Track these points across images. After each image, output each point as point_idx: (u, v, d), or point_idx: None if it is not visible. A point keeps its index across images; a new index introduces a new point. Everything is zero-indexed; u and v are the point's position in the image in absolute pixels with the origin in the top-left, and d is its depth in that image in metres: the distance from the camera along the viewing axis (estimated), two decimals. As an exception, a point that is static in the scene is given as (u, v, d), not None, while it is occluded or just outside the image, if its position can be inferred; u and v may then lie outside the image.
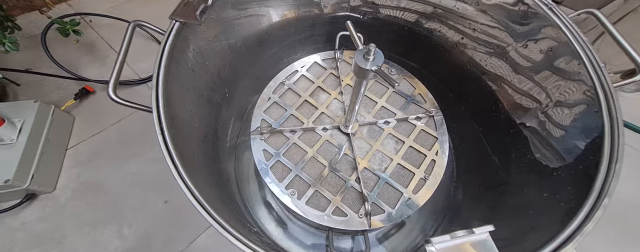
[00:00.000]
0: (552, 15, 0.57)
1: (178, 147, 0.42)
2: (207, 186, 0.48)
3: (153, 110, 0.42)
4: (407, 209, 0.67)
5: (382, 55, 0.53)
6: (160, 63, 0.45)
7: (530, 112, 0.59)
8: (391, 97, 0.83)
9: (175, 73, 0.49)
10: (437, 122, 0.78)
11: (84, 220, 1.15)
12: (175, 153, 0.39)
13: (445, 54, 0.83)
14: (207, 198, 0.40)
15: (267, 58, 0.89)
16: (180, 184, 0.38)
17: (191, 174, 0.43)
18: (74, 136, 1.33)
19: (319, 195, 0.69)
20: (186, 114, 0.51)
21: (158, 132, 0.40)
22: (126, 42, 0.47)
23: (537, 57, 0.57)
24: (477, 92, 0.74)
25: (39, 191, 1.16)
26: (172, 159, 0.39)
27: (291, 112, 0.80)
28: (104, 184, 1.23)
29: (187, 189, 0.37)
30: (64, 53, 1.51)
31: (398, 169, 0.72)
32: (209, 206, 0.38)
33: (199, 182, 0.44)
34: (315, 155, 0.74)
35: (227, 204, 0.56)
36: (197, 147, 0.53)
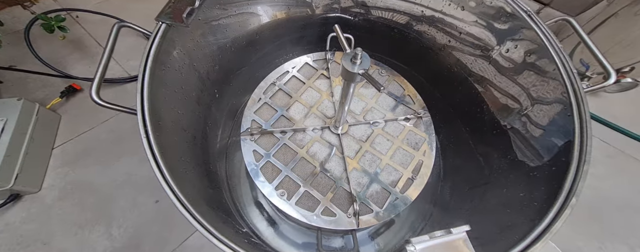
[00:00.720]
0: (530, 22, 0.58)
1: (164, 150, 0.41)
2: (194, 188, 0.47)
3: (138, 113, 0.40)
4: (395, 208, 0.67)
5: (368, 59, 0.53)
6: (146, 65, 0.43)
7: (512, 113, 0.60)
8: (381, 98, 0.83)
9: (162, 75, 0.47)
10: (425, 123, 0.79)
11: (72, 220, 1.12)
12: (161, 156, 0.38)
13: (433, 55, 0.84)
14: (192, 201, 0.39)
15: (258, 59, 0.87)
16: (165, 187, 0.37)
17: (177, 177, 0.42)
18: (60, 135, 1.28)
19: (308, 195, 0.69)
20: (173, 116, 0.50)
21: (142, 136, 0.39)
22: (110, 44, 0.45)
23: (519, 59, 0.58)
24: (464, 93, 0.75)
25: (24, 191, 1.12)
26: (157, 162, 0.38)
27: (282, 113, 0.79)
28: (93, 183, 1.19)
29: (172, 192, 0.36)
30: (50, 50, 1.45)
31: (387, 169, 0.72)
32: (194, 208, 0.37)
33: (185, 185, 0.43)
34: (306, 155, 0.73)
35: (215, 205, 0.55)
36: (185, 149, 0.52)
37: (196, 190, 0.48)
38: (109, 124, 1.32)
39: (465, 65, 0.75)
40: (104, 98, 0.43)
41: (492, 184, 0.58)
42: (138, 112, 0.40)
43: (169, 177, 0.37)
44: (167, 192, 0.36)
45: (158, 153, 0.38)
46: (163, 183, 0.37)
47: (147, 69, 0.43)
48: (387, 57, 0.96)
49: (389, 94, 0.84)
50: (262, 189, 0.68)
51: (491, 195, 0.56)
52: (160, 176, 0.38)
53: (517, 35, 0.58)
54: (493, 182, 0.58)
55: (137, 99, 0.42)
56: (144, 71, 0.43)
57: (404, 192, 0.69)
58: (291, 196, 0.68)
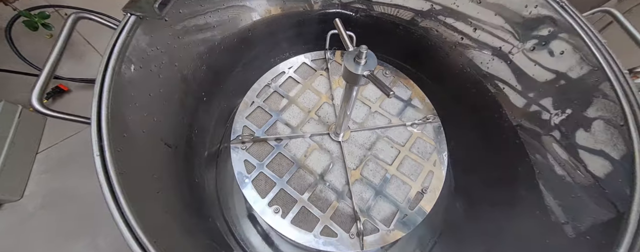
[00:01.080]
0: (564, 14, 0.50)
1: (127, 170, 0.33)
2: (167, 213, 0.39)
3: (92, 124, 0.32)
4: (404, 226, 0.59)
5: (375, 59, 0.45)
6: (107, 64, 0.35)
7: (538, 121, 0.52)
8: (386, 101, 0.75)
9: (131, 76, 0.39)
10: (435, 128, 0.70)
11: (54, 231, 1.04)
12: (118, 180, 0.30)
13: (443, 55, 0.75)
14: (159, 231, 0.31)
15: (251, 58, 0.79)
16: (118, 221, 0.28)
17: (141, 203, 0.33)
18: (45, 139, 1.20)
19: (306, 212, 0.60)
20: (146, 125, 0.42)
21: (95, 152, 0.30)
22: (63, 38, 0.37)
23: (546, 61, 0.49)
24: (478, 97, 0.67)
25: (4, 200, 1.03)
26: (111, 189, 0.30)
27: (277, 118, 0.71)
28: (78, 191, 1.11)
29: (127, 227, 0.28)
30: (34, 48, 1.36)
31: (394, 181, 0.64)
32: (159, 243, 0.29)
33: (152, 212, 0.35)
34: (303, 166, 0.65)
35: (195, 228, 0.47)
36: (160, 163, 0.44)
37: (170, 214, 0.40)
38: (96, 127, 1.24)
39: (479, 65, 0.67)
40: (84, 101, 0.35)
41: (519, 203, 0.49)
42: (92, 123, 0.32)
43: (126, 208, 0.29)
44: (121, 227, 0.28)
45: (115, 176, 0.30)
46: (117, 216, 0.29)
47: (108, 68, 0.35)
48: (391, 57, 0.87)
49: (394, 97, 0.76)
50: (254, 205, 0.59)
51: (520, 217, 0.48)
52: (114, 207, 0.29)
53: (545, 30, 0.49)
54: (521, 200, 0.49)
55: (93, 105, 0.33)
56: (104, 71, 0.35)
57: (413, 208, 0.61)
58: (287, 212, 0.60)
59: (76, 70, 1.37)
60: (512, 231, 0.48)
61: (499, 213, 0.52)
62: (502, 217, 0.51)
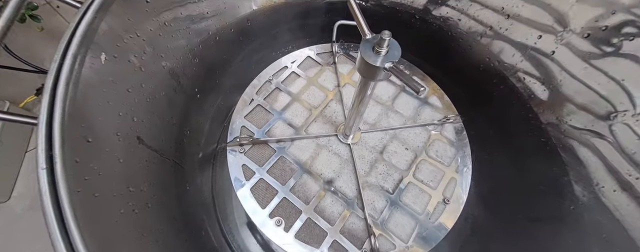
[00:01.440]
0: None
1: (88, 185, 0.26)
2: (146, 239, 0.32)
3: (39, 127, 0.24)
4: (425, 242, 0.51)
5: (399, 48, 0.37)
6: (66, 52, 0.27)
7: (588, 123, 0.44)
8: (401, 99, 0.67)
9: (102, 68, 0.31)
10: (457, 130, 0.62)
11: (42, 232, 0.97)
12: (70, 201, 0.22)
13: (465, 48, 0.66)
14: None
15: (250, 52, 0.70)
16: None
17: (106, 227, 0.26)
18: (35, 137, 1.13)
19: (312, 224, 0.53)
20: (121, 127, 0.34)
21: (41, 165, 0.22)
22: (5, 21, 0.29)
23: (606, 49, 0.41)
24: (506, 95, 0.59)
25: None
26: (60, 212, 0.22)
27: (278, 118, 0.63)
28: (70, 192, 1.04)
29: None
30: (25, 41, 1.28)
31: (411, 189, 0.56)
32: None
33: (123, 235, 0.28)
34: (308, 172, 0.57)
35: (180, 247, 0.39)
36: (140, 173, 0.36)
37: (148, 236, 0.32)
38: (89, 125, 1.16)
39: (509, 59, 0.58)
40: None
41: (567, 219, 0.41)
42: (40, 125, 0.24)
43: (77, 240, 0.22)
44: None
45: (66, 196, 0.22)
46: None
47: (68, 56, 0.27)
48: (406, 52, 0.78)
49: (409, 95, 0.67)
50: (253, 217, 0.52)
51: (570, 235, 0.40)
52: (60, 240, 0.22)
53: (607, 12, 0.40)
54: (569, 216, 0.41)
55: (44, 103, 0.26)
56: (61, 59, 0.27)
57: (435, 220, 0.53)
58: (290, 225, 0.52)
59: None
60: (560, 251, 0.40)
61: (539, 230, 0.44)
62: (544, 235, 0.43)
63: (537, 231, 0.45)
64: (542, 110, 0.54)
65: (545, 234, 0.44)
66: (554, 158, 0.49)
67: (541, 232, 0.45)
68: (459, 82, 0.70)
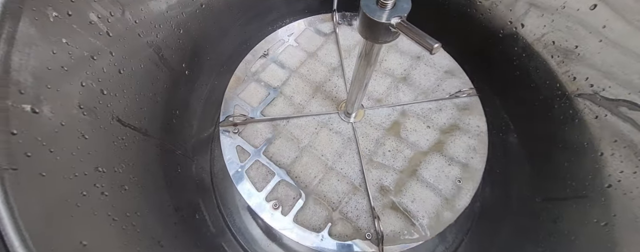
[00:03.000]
0: None
1: (32, 164, 0.21)
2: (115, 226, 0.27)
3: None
4: (433, 226, 0.46)
5: (408, 0, 0.30)
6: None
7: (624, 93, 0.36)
8: (409, 71, 0.59)
9: (51, 26, 0.26)
10: (473, 104, 0.55)
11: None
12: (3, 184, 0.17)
13: (484, 11, 0.57)
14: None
15: (243, 24, 0.63)
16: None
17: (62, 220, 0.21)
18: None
19: (311, 207, 0.48)
20: (84, 97, 0.28)
21: None
22: None
23: None
24: (530, 64, 0.50)
25: None
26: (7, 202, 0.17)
27: (275, 95, 0.56)
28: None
29: None
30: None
31: (420, 169, 0.50)
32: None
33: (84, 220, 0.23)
34: (307, 152, 0.52)
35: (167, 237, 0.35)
36: (112, 153, 0.31)
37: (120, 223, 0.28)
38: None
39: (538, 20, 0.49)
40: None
41: (601, 199, 0.35)
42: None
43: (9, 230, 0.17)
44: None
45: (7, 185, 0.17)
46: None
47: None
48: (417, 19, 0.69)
49: (420, 67, 0.60)
50: (249, 200, 0.47)
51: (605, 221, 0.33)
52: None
53: None
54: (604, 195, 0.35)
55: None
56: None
57: (445, 204, 0.47)
58: (288, 208, 0.47)
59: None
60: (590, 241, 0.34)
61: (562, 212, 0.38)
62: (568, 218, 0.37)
63: (548, 209, 0.39)
64: (572, 79, 0.46)
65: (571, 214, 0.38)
66: (584, 131, 0.42)
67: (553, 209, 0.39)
68: (475, 52, 0.62)
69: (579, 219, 0.37)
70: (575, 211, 0.38)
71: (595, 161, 0.38)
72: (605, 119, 0.38)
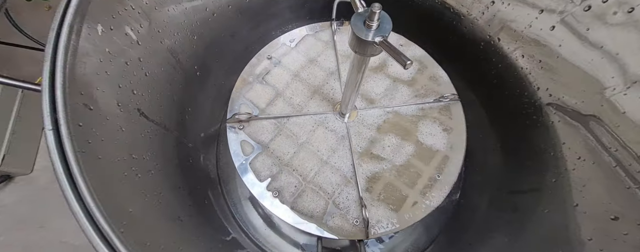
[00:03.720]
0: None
1: (91, 148, 0.27)
2: (149, 201, 0.34)
3: (43, 92, 0.25)
4: (414, 214, 0.53)
5: (390, 22, 0.36)
6: (63, 21, 0.27)
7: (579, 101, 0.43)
8: (397, 76, 0.66)
9: (98, 40, 0.32)
10: (454, 109, 0.61)
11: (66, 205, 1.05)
12: (77, 161, 0.24)
13: (467, 25, 0.64)
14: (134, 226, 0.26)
15: (249, 29, 0.70)
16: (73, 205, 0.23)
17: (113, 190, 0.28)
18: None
19: (307, 196, 0.55)
20: (121, 98, 0.35)
21: (47, 126, 0.24)
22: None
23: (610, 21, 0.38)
24: (506, 72, 0.57)
25: (15, 173, 1.03)
26: (67, 168, 0.24)
27: (277, 95, 0.63)
28: (87, 166, 1.10)
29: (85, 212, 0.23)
30: (37, 21, 1.29)
31: (404, 166, 0.57)
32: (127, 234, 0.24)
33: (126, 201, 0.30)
34: (305, 148, 0.58)
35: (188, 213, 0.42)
36: (141, 142, 0.38)
37: (152, 199, 0.34)
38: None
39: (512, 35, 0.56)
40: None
41: (549, 191, 0.42)
42: (43, 91, 0.26)
43: (85, 193, 0.24)
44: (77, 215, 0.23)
45: (71, 153, 0.24)
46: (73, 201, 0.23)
47: (65, 25, 0.27)
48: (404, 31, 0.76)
49: (408, 73, 0.66)
50: (252, 189, 0.54)
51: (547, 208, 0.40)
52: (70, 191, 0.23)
53: None
54: (550, 189, 0.42)
55: (45, 69, 0.27)
56: (59, 28, 0.27)
57: (425, 194, 0.54)
58: (286, 197, 0.54)
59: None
60: (537, 222, 0.41)
61: (521, 202, 0.45)
62: (525, 206, 0.44)
63: (519, 202, 0.46)
64: (536, 89, 0.52)
65: (527, 204, 0.45)
66: (543, 135, 0.48)
67: (523, 203, 0.46)
68: (458, 61, 0.68)
69: (531, 207, 0.44)
70: (529, 201, 0.45)
71: (548, 160, 0.45)
72: (559, 124, 0.45)
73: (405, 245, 0.67)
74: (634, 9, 0.36)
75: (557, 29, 0.44)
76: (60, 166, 0.24)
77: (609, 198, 0.35)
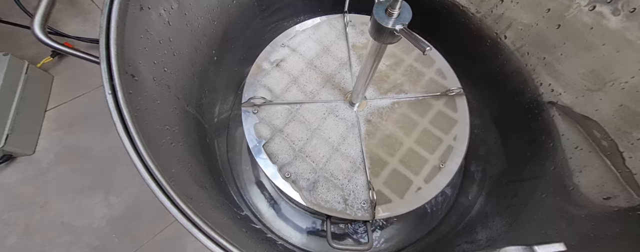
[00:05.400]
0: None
1: (139, 112, 0.31)
2: (181, 164, 0.38)
3: (101, 62, 0.29)
4: (417, 199, 0.58)
5: (410, 11, 0.40)
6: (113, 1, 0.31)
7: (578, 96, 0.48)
8: (406, 70, 0.70)
9: (140, 17, 0.35)
10: (459, 101, 0.66)
11: (69, 185, 1.07)
12: (132, 120, 0.28)
13: (476, 22, 0.68)
14: (176, 180, 0.29)
15: (265, 17, 0.73)
16: (134, 158, 0.27)
17: (157, 148, 0.32)
18: (54, 97, 1.19)
19: (318, 178, 0.59)
20: (157, 73, 0.39)
21: (107, 91, 0.28)
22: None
23: (608, 22, 0.43)
24: (510, 68, 0.62)
25: (17, 153, 1.05)
26: (125, 126, 0.28)
27: (290, 82, 0.67)
28: (91, 149, 1.12)
29: (144, 166, 0.27)
30: (40, 3, 1.31)
31: (410, 153, 0.62)
32: (177, 191, 0.28)
33: (168, 159, 0.33)
34: (316, 133, 0.63)
35: (209, 184, 0.46)
36: (173, 115, 0.42)
37: (184, 166, 0.38)
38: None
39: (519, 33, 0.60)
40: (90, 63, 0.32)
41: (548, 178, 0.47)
42: (101, 60, 0.29)
43: (139, 144, 0.28)
44: (137, 165, 0.27)
45: (128, 114, 0.28)
46: (132, 153, 0.27)
47: (115, 2, 0.31)
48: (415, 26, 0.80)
49: (417, 66, 0.71)
50: (265, 169, 0.58)
51: (546, 194, 0.45)
52: (127, 141, 0.27)
53: None
54: (550, 175, 0.47)
55: (101, 42, 0.30)
56: (110, 4, 0.31)
57: (428, 181, 0.59)
58: (298, 179, 0.58)
59: (83, 30, 1.33)
60: (534, 206, 0.46)
61: (521, 189, 0.50)
62: (524, 192, 0.49)
63: (518, 189, 0.51)
64: (539, 84, 0.57)
65: (526, 190, 0.49)
66: (544, 128, 0.53)
67: (522, 189, 0.50)
68: (465, 57, 0.73)
69: (529, 193, 0.49)
70: (528, 188, 0.50)
71: (547, 151, 0.50)
72: (558, 118, 0.50)
73: (408, 228, 0.72)
74: (635, 9, 0.41)
75: (562, 27, 0.49)
76: (120, 124, 0.28)
77: (602, 181, 0.40)
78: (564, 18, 0.49)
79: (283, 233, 0.76)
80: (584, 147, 0.43)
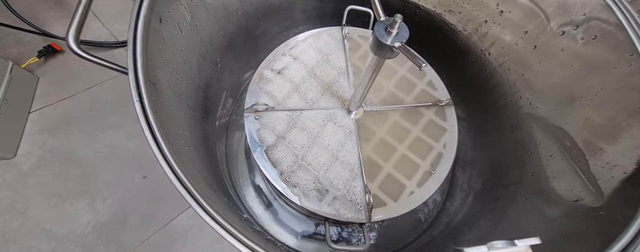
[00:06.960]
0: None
1: (160, 117, 0.34)
2: (194, 168, 0.41)
3: (129, 72, 0.32)
4: (410, 202, 0.63)
5: (407, 30, 0.46)
6: (139, 10, 0.34)
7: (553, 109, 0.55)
8: (400, 81, 0.76)
9: (159, 29, 0.39)
10: (448, 112, 0.73)
11: (51, 190, 1.04)
12: (157, 125, 0.31)
13: (463, 39, 0.76)
14: (194, 180, 0.32)
15: (266, 28, 0.78)
16: (160, 159, 0.30)
17: (176, 151, 0.35)
18: (38, 99, 1.17)
19: (316, 182, 0.63)
20: (171, 81, 0.42)
21: (135, 98, 0.31)
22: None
23: (575, 46, 0.50)
24: (494, 81, 0.69)
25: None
26: (151, 131, 0.31)
27: (292, 90, 0.71)
28: (74, 153, 1.11)
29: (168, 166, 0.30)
30: (26, 3, 1.30)
31: (403, 160, 0.67)
32: (197, 190, 0.31)
33: (184, 161, 0.36)
34: (316, 139, 0.67)
35: (216, 187, 0.49)
36: (183, 121, 0.45)
37: (196, 169, 0.41)
38: (92, 92, 1.21)
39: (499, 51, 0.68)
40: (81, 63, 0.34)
41: (527, 183, 0.53)
42: (129, 69, 0.32)
43: (166, 150, 0.31)
44: (163, 165, 0.30)
45: (154, 119, 0.31)
46: (158, 154, 0.30)
47: (141, 15, 0.34)
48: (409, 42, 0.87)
49: (408, 78, 0.77)
50: (266, 173, 0.61)
51: (526, 197, 0.51)
52: (154, 145, 0.30)
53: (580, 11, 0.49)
54: (529, 181, 0.53)
55: (129, 52, 0.33)
56: (136, 17, 0.34)
57: (420, 186, 0.64)
58: (298, 182, 0.62)
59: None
60: (516, 207, 0.52)
61: (503, 193, 0.56)
62: (506, 196, 0.55)
63: (501, 193, 0.57)
64: (518, 98, 0.65)
65: (508, 194, 0.56)
66: (524, 138, 0.60)
67: (505, 193, 0.57)
68: (453, 70, 0.80)
69: (511, 197, 0.55)
70: (510, 193, 0.56)
71: (527, 159, 0.57)
72: (536, 128, 0.57)
73: (400, 232, 0.77)
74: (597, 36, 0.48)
75: (538, 48, 0.57)
76: (148, 130, 0.31)
77: (572, 185, 0.47)
78: (539, 39, 0.56)
79: (279, 237, 0.79)
80: (558, 155, 0.50)
